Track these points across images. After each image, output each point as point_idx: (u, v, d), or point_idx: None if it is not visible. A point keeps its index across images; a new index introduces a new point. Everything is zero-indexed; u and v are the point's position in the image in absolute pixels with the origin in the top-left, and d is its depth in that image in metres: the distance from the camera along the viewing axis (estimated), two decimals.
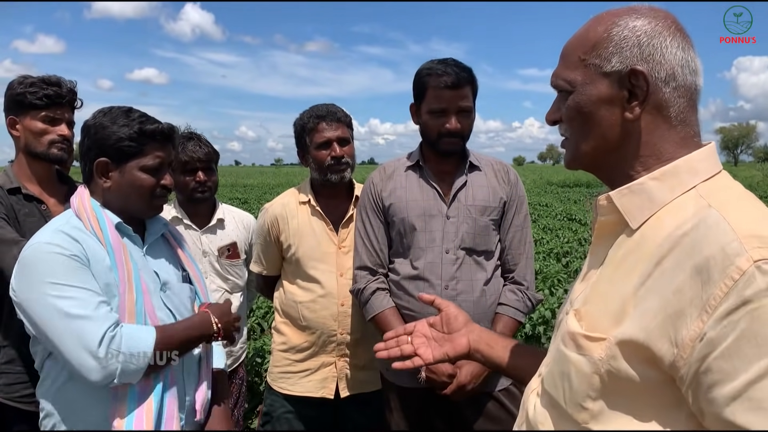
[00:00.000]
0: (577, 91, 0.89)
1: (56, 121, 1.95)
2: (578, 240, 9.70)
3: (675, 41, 0.85)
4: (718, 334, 0.68)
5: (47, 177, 2.01)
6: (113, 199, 1.50)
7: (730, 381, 0.67)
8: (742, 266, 0.68)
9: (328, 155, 2.14)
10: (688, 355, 0.71)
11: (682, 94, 0.85)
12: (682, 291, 0.72)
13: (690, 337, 0.71)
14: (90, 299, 1.33)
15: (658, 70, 0.84)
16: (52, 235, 1.39)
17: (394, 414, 2.02)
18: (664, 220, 0.81)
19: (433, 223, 1.92)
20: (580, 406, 0.83)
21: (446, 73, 1.84)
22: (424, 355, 1.23)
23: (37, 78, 1.95)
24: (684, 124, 0.86)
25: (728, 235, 0.71)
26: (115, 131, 1.44)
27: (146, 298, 1.44)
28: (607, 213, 0.90)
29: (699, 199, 0.80)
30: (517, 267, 1.99)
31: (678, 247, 0.76)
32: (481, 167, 2.01)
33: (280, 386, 2.24)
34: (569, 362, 0.85)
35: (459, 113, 1.87)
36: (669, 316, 0.73)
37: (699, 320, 0.70)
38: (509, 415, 1.89)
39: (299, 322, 2.20)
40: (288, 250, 2.21)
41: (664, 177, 0.84)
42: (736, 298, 0.67)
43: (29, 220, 1.88)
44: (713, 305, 0.69)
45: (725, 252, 0.70)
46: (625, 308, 0.80)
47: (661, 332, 0.74)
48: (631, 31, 0.85)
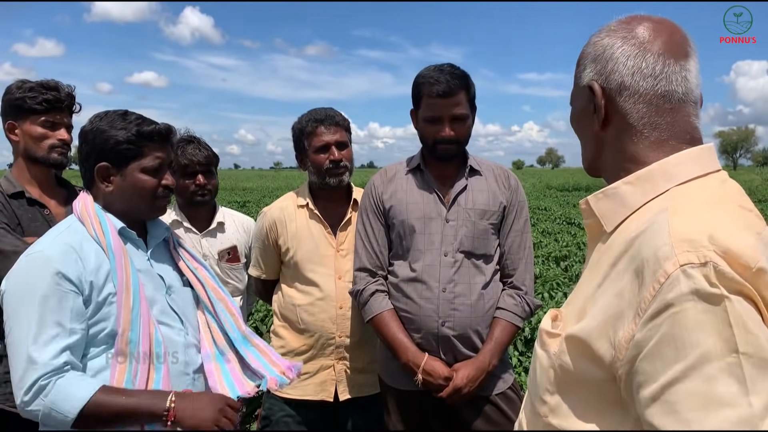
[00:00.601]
0: (573, 104, 0.98)
1: (56, 125, 1.96)
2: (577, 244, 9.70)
3: (626, 50, 0.87)
4: (643, 336, 0.70)
5: (47, 181, 2.02)
6: (116, 203, 1.50)
7: (650, 383, 0.69)
8: (668, 270, 0.69)
9: (326, 159, 2.15)
10: (623, 356, 0.73)
11: (638, 100, 0.86)
12: (623, 293, 0.75)
13: (625, 339, 0.72)
14: (45, 336, 1.30)
15: (608, 82, 0.88)
16: (51, 244, 1.40)
17: (392, 417, 2.02)
18: (630, 224, 0.83)
19: (432, 226, 1.93)
20: (541, 399, 0.88)
21: (438, 81, 1.86)
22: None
23: (35, 83, 1.95)
24: (654, 128, 0.86)
25: (663, 239, 0.72)
26: (113, 135, 1.45)
27: (143, 305, 1.43)
28: (588, 217, 0.93)
29: (663, 202, 0.81)
30: (516, 272, 2.00)
31: (630, 250, 0.78)
32: (482, 172, 2.02)
33: (278, 390, 2.23)
34: (536, 357, 0.91)
35: (453, 121, 1.89)
36: (610, 316, 0.75)
37: (633, 322, 0.72)
38: (506, 419, 1.90)
39: (298, 325, 2.20)
40: (286, 253, 2.22)
41: (638, 181, 0.85)
42: (660, 301, 0.68)
43: (33, 225, 1.88)
44: (643, 308, 0.70)
45: (656, 255, 0.71)
46: (585, 307, 0.83)
47: (600, 332, 0.76)
48: (593, 47, 0.91)
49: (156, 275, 1.54)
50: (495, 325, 1.92)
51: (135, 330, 1.40)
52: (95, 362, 1.40)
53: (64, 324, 1.33)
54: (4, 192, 1.91)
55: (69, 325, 1.33)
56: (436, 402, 1.87)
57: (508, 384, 1.96)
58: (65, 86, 1.99)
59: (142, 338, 1.40)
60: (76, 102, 2.03)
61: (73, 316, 1.35)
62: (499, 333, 1.89)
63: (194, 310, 1.64)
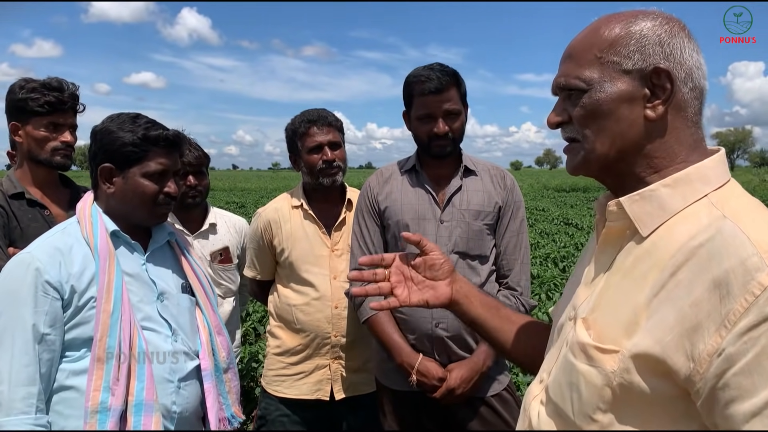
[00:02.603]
0: (594, 89, 0.86)
1: (59, 127, 1.94)
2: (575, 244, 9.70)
3: (691, 43, 0.85)
4: (737, 349, 0.66)
5: (50, 182, 2.01)
6: (116, 206, 1.50)
7: (749, 397, 0.66)
8: (763, 282, 0.66)
9: (319, 159, 2.15)
10: (704, 369, 0.69)
11: (696, 95, 0.85)
12: (700, 304, 0.71)
13: (707, 352, 0.69)
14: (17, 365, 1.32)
15: (678, 69, 0.83)
16: (39, 246, 1.41)
17: (387, 417, 2.02)
18: (676, 229, 0.80)
19: (427, 227, 1.92)
20: (589, 417, 0.81)
21: (429, 78, 1.86)
22: (401, 295, 1.17)
23: (38, 82, 1.91)
24: (697, 126, 0.85)
25: (748, 249, 0.69)
26: (120, 136, 1.45)
27: (125, 310, 1.42)
28: (615, 219, 0.88)
29: (712, 208, 0.78)
30: (511, 272, 2.00)
31: (693, 258, 0.74)
32: (478, 172, 2.01)
33: (274, 389, 2.23)
34: (579, 373, 0.83)
35: (446, 117, 1.89)
36: (686, 329, 0.71)
37: (717, 335, 0.68)
38: (501, 420, 1.89)
39: (293, 325, 2.20)
40: (281, 254, 2.22)
41: (677, 184, 0.82)
42: (758, 313, 0.66)
43: (33, 226, 1.87)
44: (733, 320, 0.67)
45: (745, 266, 0.68)
46: (637, 319, 0.77)
47: (677, 346, 0.72)
48: (651, 30, 0.84)
49: (148, 281, 1.52)
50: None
51: (114, 336, 1.39)
52: (75, 365, 1.40)
53: (38, 329, 1.34)
54: (5, 192, 1.90)
55: (42, 330, 1.35)
56: (432, 403, 1.87)
57: (503, 385, 1.95)
58: (69, 85, 1.96)
59: (122, 343, 1.39)
60: (79, 102, 2.00)
61: (47, 320, 1.36)
62: None
63: (190, 318, 1.61)
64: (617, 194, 0.89)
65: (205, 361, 1.58)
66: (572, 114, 0.90)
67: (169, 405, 1.46)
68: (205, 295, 1.66)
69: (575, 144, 0.91)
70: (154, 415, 1.40)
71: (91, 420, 1.35)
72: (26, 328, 1.33)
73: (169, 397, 1.47)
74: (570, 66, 0.90)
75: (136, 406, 1.39)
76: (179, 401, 1.49)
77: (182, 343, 1.54)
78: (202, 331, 1.63)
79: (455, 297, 1.19)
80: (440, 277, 1.20)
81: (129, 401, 1.39)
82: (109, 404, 1.36)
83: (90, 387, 1.36)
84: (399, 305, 1.17)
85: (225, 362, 1.65)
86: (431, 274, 1.20)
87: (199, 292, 1.65)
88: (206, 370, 1.58)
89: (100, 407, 1.35)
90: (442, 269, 1.20)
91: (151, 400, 1.41)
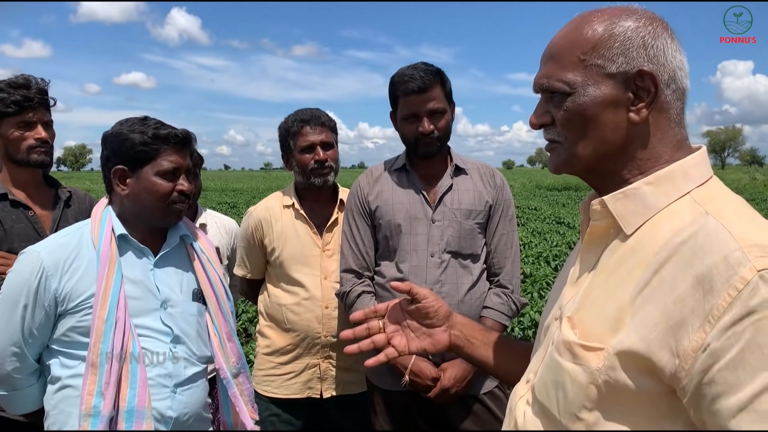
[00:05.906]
0: (578, 93, 0.85)
1: (31, 125, 1.89)
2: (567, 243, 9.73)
3: (674, 43, 0.84)
4: (722, 344, 0.67)
5: (32, 182, 1.97)
6: (131, 207, 1.51)
7: (735, 393, 0.66)
8: (745, 276, 0.67)
9: (311, 159, 2.15)
10: (689, 366, 0.69)
11: (679, 96, 0.85)
12: (684, 301, 0.71)
13: (692, 348, 0.69)
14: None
15: (662, 71, 0.82)
16: (48, 246, 1.45)
17: (378, 416, 2.02)
18: (660, 226, 0.80)
19: (419, 227, 1.93)
20: (575, 416, 0.81)
21: (413, 78, 1.86)
22: (399, 345, 1.16)
23: (4, 82, 1.87)
24: (680, 126, 0.85)
25: (730, 245, 0.70)
26: (131, 138, 1.47)
27: (121, 316, 1.42)
28: (599, 218, 0.88)
29: (695, 205, 0.79)
30: (502, 270, 2.00)
31: (677, 255, 0.74)
32: (468, 171, 2.02)
33: (264, 389, 2.23)
34: (564, 371, 0.83)
35: (431, 115, 1.89)
36: (670, 326, 0.71)
37: (701, 330, 0.68)
38: (494, 418, 1.90)
39: (283, 324, 2.19)
40: (272, 253, 2.21)
41: (659, 182, 0.83)
42: (741, 308, 0.66)
43: (17, 227, 1.85)
44: (716, 315, 0.67)
45: (728, 261, 0.69)
46: (622, 317, 0.78)
47: (661, 343, 0.72)
48: (635, 32, 0.83)
49: (153, 287, 1.52)
50: (482, 323, 1.92)
51: (107, 342, 1.39)
52: (69, 370, 1.43)
53: (13, 331, 1.42)
54: None
55: (27, 334, 1.42)
56: (424, 402, 1.87)
57: (495, 383, 1.96)
58: (37, 81, 1.91)
59: (115, 347, 1.40)
60: (49, 96, 1.95)
61: (35, 324, 1.41)
62: None
63: (199, 325, 1.60)
64: (602, 193, 0.88)
65: (222, 369, 1.63)
66: (555, 116, 0.89)
67: (164, 409, 1.47)
68: (216, 301, 1.65)
69: (556, 145, 0.91)
70: (145, 421, 1.42)
71: (84, 423, 1.37)
72: (15, 330, 1.41)
73: (164, 401, 1.47)
74: (552, 67, 0.88)
75: (128, 412, 1.40)
76: (175, 406, 1.49)
77: (183, 350, 1.54)
78: (213, 338, 1.63)
79: (454, 342, 1.18)
80: (437, 324, 1.18)
81: (121, 407, 1.40)
82: (101, 408, 1.37)
83: (84, 391, 1.38)
84: (398, 356, 1.16)
85: (236, 367, 1.68)
86: (428, 322, 1.18)
87: (210, 299, 1.64)
88: (226, 379, 1.64)
89: (93, 411, 1.37)
90: (437, 316, 1.18)
91: (142, 407, 1.42)
